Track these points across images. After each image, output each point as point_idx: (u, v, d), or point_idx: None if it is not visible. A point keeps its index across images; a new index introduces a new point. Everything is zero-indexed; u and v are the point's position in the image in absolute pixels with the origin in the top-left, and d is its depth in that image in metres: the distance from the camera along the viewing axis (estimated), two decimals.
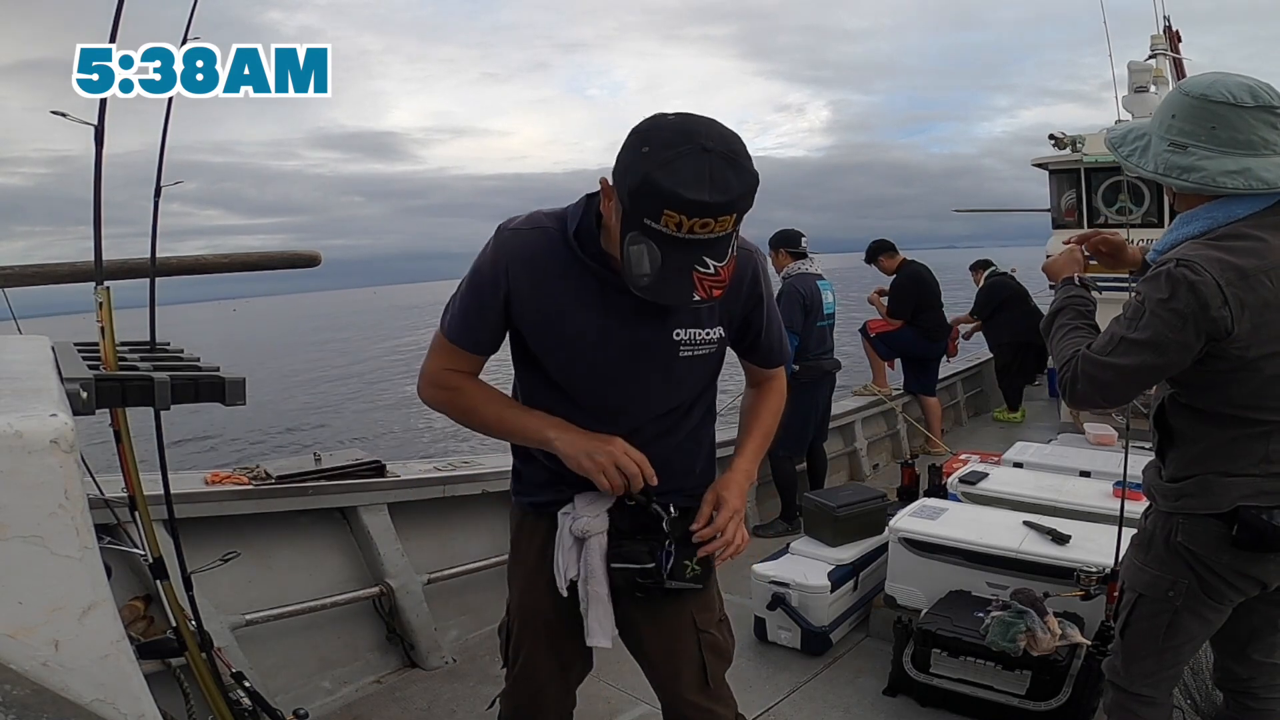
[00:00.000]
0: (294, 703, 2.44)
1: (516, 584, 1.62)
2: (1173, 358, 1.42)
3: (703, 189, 1.11)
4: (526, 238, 1.37)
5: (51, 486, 0.73)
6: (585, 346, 1.39)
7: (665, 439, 1.50)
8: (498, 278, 1.37)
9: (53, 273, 2.16)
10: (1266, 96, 1.41)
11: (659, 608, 1.50)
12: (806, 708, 2.63)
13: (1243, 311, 1.36)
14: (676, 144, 1.13)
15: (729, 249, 1.20)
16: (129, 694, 0.79)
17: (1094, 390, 1.51)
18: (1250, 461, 1.47)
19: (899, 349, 5.96)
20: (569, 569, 1.49)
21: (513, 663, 1.63)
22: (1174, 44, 7.53)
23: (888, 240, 6.11)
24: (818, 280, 4.41)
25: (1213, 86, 1.43)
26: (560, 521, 1.51)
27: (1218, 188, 1.42)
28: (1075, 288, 1.68)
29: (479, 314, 1.41)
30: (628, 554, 1.46)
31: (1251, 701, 1.71)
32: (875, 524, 3.29)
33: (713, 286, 1.18)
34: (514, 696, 1.65)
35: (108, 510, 2.13)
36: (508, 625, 1.64)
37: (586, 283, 1.36)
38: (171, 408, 1.52)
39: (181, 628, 1.94)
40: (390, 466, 3.09)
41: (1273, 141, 1.41)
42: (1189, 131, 1.45)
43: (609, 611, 1.49)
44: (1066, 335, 1.60)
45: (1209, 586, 1.53)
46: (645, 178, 1.12)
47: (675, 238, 1.13)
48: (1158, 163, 1.50)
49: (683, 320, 1.39)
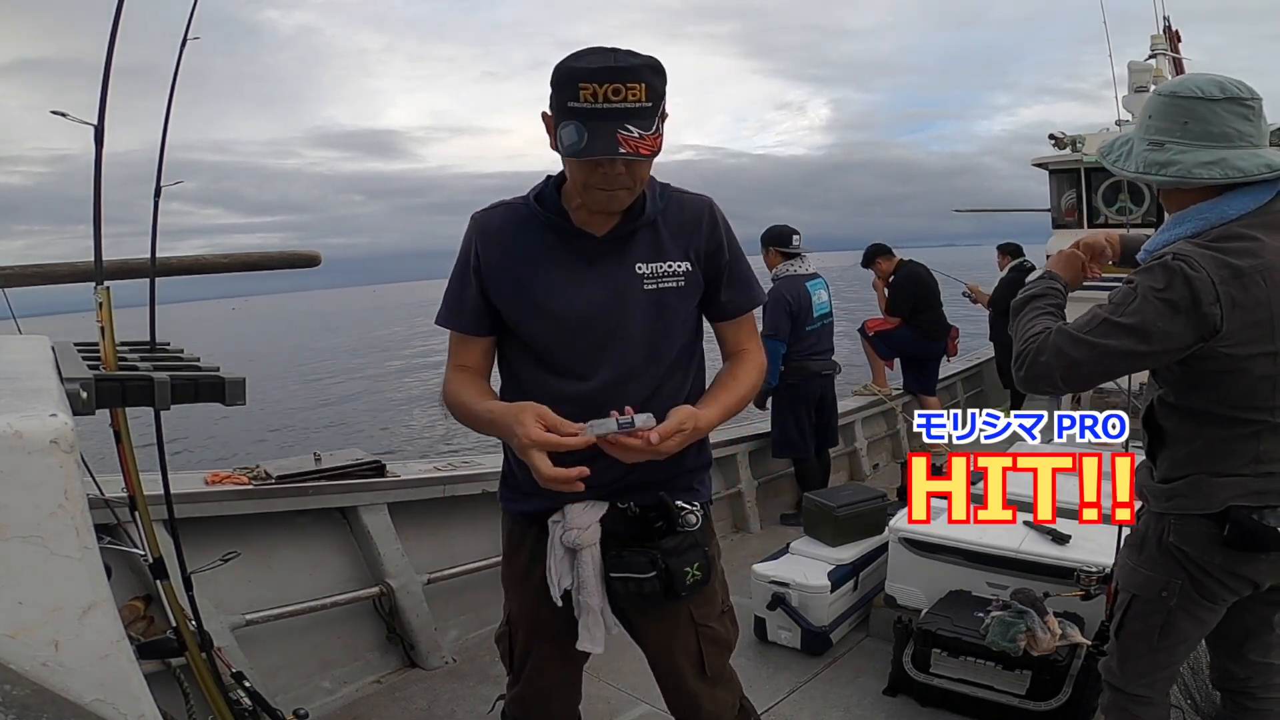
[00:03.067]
0: (294, 703, 2.44)
1: (513, 591, 1.62)
2: (1155, 347, 1.40)
3: (608, 59, 1.26)
4: (491, 213, 1.49)
5: (51, 486, 0.73)
6: (558, 302, 1.43)
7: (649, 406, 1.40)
8: (469, 255, 1.46)
9: (52, 273, 2.16)
10: (1234, 89, 1.43)
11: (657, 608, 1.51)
12: (807, 708, 2.63)
13: (1233, 310, 1.36)
14: (583, 51, 1.29)
15: (652, 123, 1.28)
16: (129, 694, 0.79)
17: (1060, 366, 1.46)
18: (1241, 461, 1.47)
19: (898, 348, 5.94)
20: (562, 579, 1.48)
21: (519, 668, 1.62)
22: (1174, 43, 7.53)
23: (883, 244, 6.09)
24: (809, 281, 4.34)
25: (1182, 84, 1.48)
26: (551, 530, 1.49)
27: (1195, 179, 1.44)
28: (1057, 282, 1.68)
29: (459, 294, 1.48)
30: (628, 564, 1.45)
31: (1249, 701, 1.71)
32: (875, 524, 3.29)
33: (638, 146, 1.26)
34: (524, 700, 1.64)
35: (108, 510, 2.13)
36: (509, 633, 1.63)
37: (548, 239, 1.44)
38: (171, 408, 1.52)
39: (181, 628, 1.94)
40: (390, 466, 3.09)
41: (1246, 133, 1.43)
42: (1164, 129, 1.48)
43: (599, 621, 1.50)
44: (1039, 315, 1.58)
45: (1202, 586, 1.53)
46: (561, 66, 1.28)
47: (595, 109, 1.25)
48: (1138, 162, 1.52)
49: (643, 254, 1.44)
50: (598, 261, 1.44)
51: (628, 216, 1.43)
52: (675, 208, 1.48)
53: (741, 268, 1.55)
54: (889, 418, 5.96)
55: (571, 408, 1.38)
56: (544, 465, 1.28)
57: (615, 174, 1.31)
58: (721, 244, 1.51)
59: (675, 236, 1.46)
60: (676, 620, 1.55)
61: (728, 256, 1.52)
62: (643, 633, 1.59)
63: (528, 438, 1.28)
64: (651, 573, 1.44)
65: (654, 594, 1.44)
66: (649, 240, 1.45)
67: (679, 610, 1.53)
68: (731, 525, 4.44)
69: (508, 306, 1.45)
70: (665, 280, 1.45)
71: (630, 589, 1.45)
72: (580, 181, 1.34)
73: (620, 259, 1.44)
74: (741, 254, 1.56)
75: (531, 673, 1.61)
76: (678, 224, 1.47)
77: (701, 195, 1.53)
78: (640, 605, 1.49)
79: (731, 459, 4.48)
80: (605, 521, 1.49)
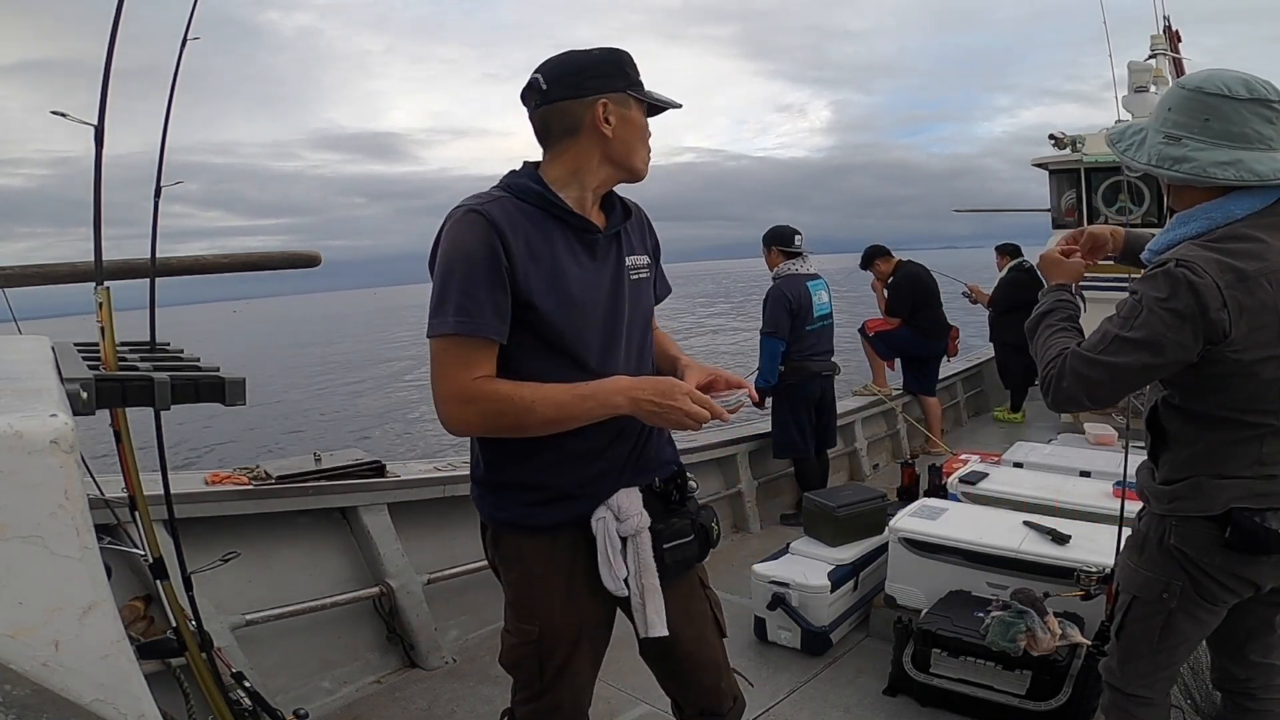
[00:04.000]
0: (294, 703, 2.45)
1: (551, 605, 1.52)
2: (1169, 358, 1.40)
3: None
4: (498, 208, 1.40)
5: (51, 486, 0.73)
6: (586, 294, 1.45)
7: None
8: (496, 253, 1.34)
9: (53, 273, 2.16)
10: (1262, 90, 1.41)
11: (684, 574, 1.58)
12: (806, 708, 2.63)
13: (1240, 315, 1.35)
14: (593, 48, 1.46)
15: None
16: (129, 694, 0.79)
17: (1082, 389, 1.48)
18: (1243, 464, 1.47)
19: (898, 348, 5.94)
20: (620, 569, 1.47)
21: (554, 679, 1.55)
22: (1174, 44, 7.53)
23: (881, 245, 6.10)
24: (809, 281, 4.35)
25: (1208, 80, 1.44)
26: (598, 527, 1.47)
27: (1209, 178, 1.41)
28: (1066, 292, 1.68)
29: (489, 296, 1.34)
30: (677, 531, 1.54)
31: (1249, 702, 1.71)
32: (875, 524, 3.29)
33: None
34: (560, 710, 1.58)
35: (108, 510, 2.13)
36: (539, 649, 1.53)
37: (563, 233, 1.45)
38: (171, 408, 1.52)
39: (181, 628, 1.94)
40: (390, 466, 3.09)
41: (1267, 136, 1.41)
42: (1183, 124, 1.45)
43: (662, 601, 1.51)
44: (1054, 334, 1.59)
45: (1202, 588, 1.53)
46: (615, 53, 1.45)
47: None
48: (1151, 154, 1.50)
49: (628, 248, 1.55)
50: (602, 255, 1.51)
51: (617, 214, 1.54)
52: (627, 207, 1.59)
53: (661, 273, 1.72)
54: (889, 418, 5.96)
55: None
56: (703, 406, 1.39)
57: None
58: (658, 240, 1.67)
59: (637, 233, 1.60)
60: (691, 587, 1.62)
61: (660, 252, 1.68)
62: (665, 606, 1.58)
63: (686, 391, 1.39)
64: (691, 535, 1.55)
65: (693, 557, 1.56)
66: (628, 236, 1.57)
67: (691, 577, 1.62)
68: (731, 525, 4.44)
69: (545, 302, 1.39)
70: (641, 272, 1.57)
71: (678, 556, 1.53)
72: (641, 153, 1.50)
73: (617, 252, 1.54)
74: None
75: (569, 681, 1.56)
76: (635, 222, 1.60)
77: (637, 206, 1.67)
78: (683, 571, 1.56)
79: (731, 459, 4.48)
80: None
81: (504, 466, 1.51)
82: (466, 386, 1.34)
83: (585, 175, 1.46)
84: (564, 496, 1.49)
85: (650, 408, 1.38)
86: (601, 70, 1.43)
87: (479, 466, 1.55)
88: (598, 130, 1.43)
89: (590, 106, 1.42)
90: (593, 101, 1.41)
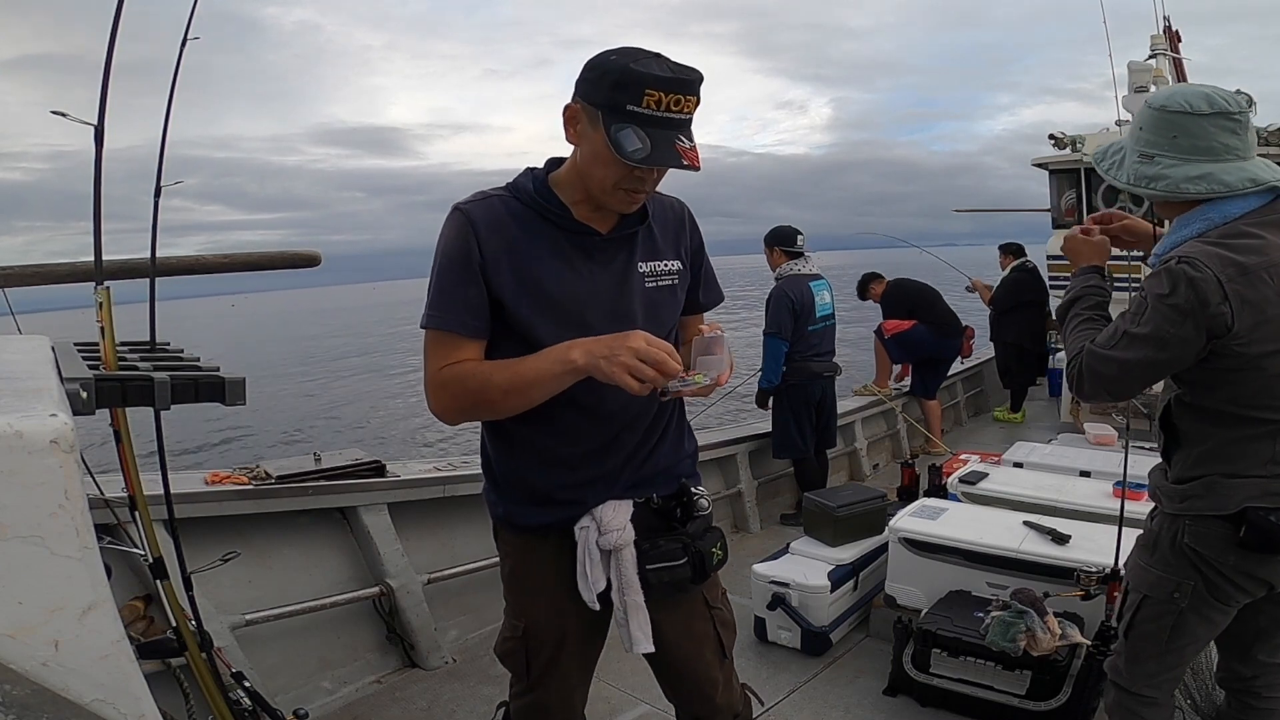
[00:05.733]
0: (294, 703, 2.45)
1: (530, 604, 1.56)
2: (1175, 353, 1.43)
3: (670, 70, 1.26)
4: (485, 206, 1.40)
5: (51, 486, 0.73)
6: (571, 298, 1.40)
7: (653, 404, 1.49)
8: (469, 251, 1.37)
9: (53, 273, 2.16)
10: (1223, 103, 1.44)
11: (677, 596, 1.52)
12: (806, 708, 2.63)
13: (1243, 307, 1.37)
14: (634, 52, 1.28)
15: (691, 133, 1.32)
16: (129, 694, 0.78)
17: (1098, 384, 1.53)
18: (1257, 462, 1.47)
19: (915, 349, 5.88)
20: (597, 582, 1.46)
21: (540, 676, 1.57)
22: (1174, 44, 7.52)
23: (873, 271, 6.23)
24: (812, 281, 4.35)
25: (1171, 98, 1.48)
26: (580, 536, 1.47)
27: (1182, 194, 1.46)
28: (1094, 276, 1.69)
29: (458, 292, 1.37)
30: (663, 553, 1.47)
31: (1254, 701, 1.71)
32: (875, 524, 3.29)
33: (693, 157, 1.29)
34: (547, 708, 1.60)
35: (108, 510, 2.13)
36: (524, 645, 1.57)
37: (552, 235, 1.40)
38: (171, 408, 1.52)
39: (181, 628, 1.93)
40: (390, 466, 3.08)
41: (1234, 146, 1.44)
42: (1154, 142, 1.50)
43: (648, 618, 1.48)
44: (1078, 327, 1.62)
45: (1215, 588, 1.53)
46: (624, 69, 1.25)
47: (655, 116, 1.26)
48: (1129, 174, 1.54)
49: (643, 253, 1.47)
50: (602, 259, 1.44)
51: (630, 217, 1.45)
52: (660, 208, 1.52)
53: (710, 266, 1.63)
54: (889, 418, 5.96)
55: (574, 410, 1.41)
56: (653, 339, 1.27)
57: (650, 180, 1.34)
58: (701, 244, 1.58)
59: (666, 236, 1.51)
60: (693, 606, 1.57)
61: (705, 256, 1.59)
62: (660, 624, 1.55)
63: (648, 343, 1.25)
64: (684, 559, 1.47)
65: (685, 580, 1.48)
66: (646, 240, 1.49)
67: (695, 596, 1.56)
68: (731, 525, 4.44)
69: (517, 301, 1.38)
70: (663, 279, 1.49)
71: (664, 578, 1.47)
72: (610, 182, 1.33)
73: (624, 257, 1.46)
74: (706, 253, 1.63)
75: (557, 682, 1.57)
76: (665, 224, 1.52)
77: (674, 196, 1.57)
78: (671, 594, 1.50)
79: (731, 459, 4.48)
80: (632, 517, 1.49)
81: (502, 462, 1.52)
82: (437, 374, 1.40)
83: (585, 178, 1.40)
84: (549, 500, 1.48)
85: (601, 362, 1.27)
86: (596, 78, 1.30)
87: (486, 462, 1.57)
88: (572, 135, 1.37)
89: (570, 108, 1.35)
90: (573, 104, 1.35)
